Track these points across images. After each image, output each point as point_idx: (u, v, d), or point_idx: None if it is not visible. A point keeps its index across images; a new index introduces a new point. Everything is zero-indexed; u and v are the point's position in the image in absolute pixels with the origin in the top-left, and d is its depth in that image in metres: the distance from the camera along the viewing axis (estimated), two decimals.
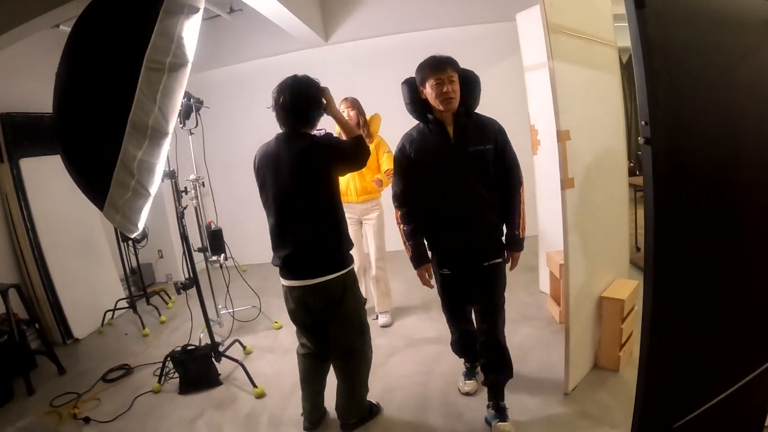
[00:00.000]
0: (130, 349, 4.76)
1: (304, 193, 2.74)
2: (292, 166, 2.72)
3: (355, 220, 4.42)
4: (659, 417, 1.39)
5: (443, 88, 2.67)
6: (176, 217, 3.87)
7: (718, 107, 1.34)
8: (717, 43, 1.37)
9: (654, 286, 1.27)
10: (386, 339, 4.36)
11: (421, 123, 2.88)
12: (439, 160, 2.78)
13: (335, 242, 2.84)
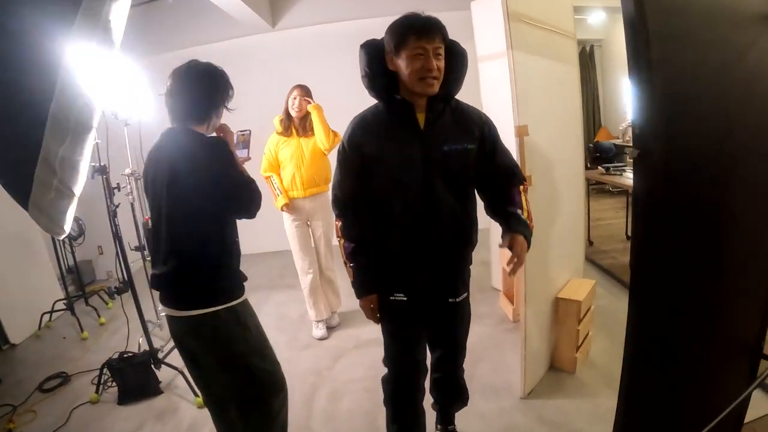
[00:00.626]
0: (69, 355, 4.49)
1: (178, 209, 2.18)
2: (167, 174, 2.17)
3: (302, 221, 4.15)
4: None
5: (427, 63, 1.93)
6: (108, 215, 3.60)
7: (716, 107, 1.18)
8: (716, 38, 1.21)
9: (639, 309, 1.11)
10: (333, 341, 4.22)
11: (379, 104, 2.17)
12: (402, 159, 2.08)
13: (217, 265, 2.24)
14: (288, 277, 4.08)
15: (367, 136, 2.12)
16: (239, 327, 2.29)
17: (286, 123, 4.03)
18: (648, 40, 0.99)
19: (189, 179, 2.12)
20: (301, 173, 4.00)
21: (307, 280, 4.19)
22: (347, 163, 2.18)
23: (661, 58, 1.06)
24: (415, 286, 2.30)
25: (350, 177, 2.19)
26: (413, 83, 1.98)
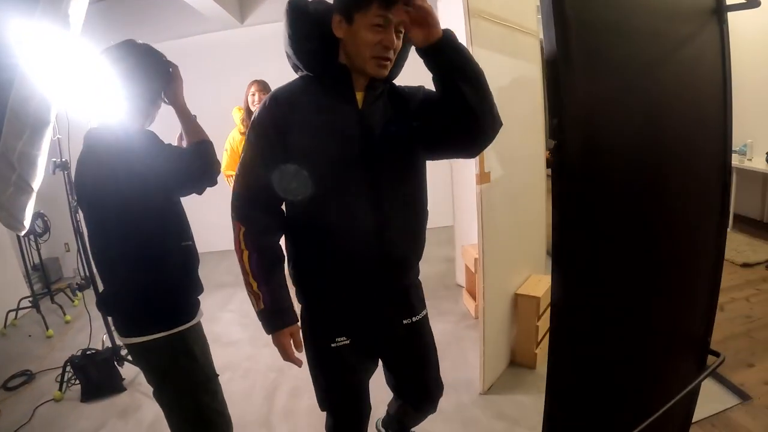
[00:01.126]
0: (34, 353, 4.45)
1: (110, 222, 1.90)
2: (96, 182, 1.88)
3: None
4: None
5: (386, 39, 1.55)
6: (69, 212, 3.56)
7: (642, 103, 1.20)
8: (651, 29, 1.23)
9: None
10: None
11: (307, 77, 1.74)
12: (337, 142, 1.65)
13: (154, 288, 1.95)
14: None
15: (296, 115, 1.65)
16: (184, 358, 2.01)
17: (248, 120, 3.98)
18: (566, 25, 0.99)
19: (123, 183, 1.83)
20: None
21: None
22: (265, 147, 1.67)
23: (581, 47, 1.06)
24: (361, 322, 1.86)
25: (266, 166, 1.67)
26: (363, 60, 1.59)
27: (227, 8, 5.58)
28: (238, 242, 1.72)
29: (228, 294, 5.24)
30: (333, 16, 1.61)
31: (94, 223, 1.95)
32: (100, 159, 1.87)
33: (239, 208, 1.73)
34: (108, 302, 2.04)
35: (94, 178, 1.88)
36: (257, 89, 3.94)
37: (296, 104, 1.66)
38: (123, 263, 1.92)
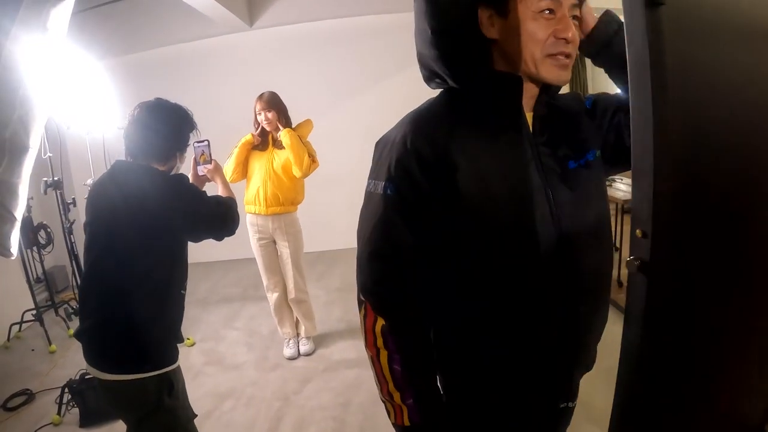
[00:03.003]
0: (35, 369, 4.24)
1: (122, 255, 1.91)
2: (117, 213, 1.91)
3: (267, 240, 3.80)
4: None
5: (562, 28, 1.09)
6: (63, 232, 3.33)
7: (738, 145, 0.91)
8: (740, 59, 0.93)
9: None
10: (303, 361, 3.95)
11: (450, 92, 1.25)
12: (507, 189, 1.16)
13: (151, 327, 1.94)
14: (263, 288, 3.81)
15: (449, 151, 1.14)
16: (168, 397, 1.98)
17: (262, 137, 3.67)
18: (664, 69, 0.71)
19: (147, 219, 1.88)
20: (265, 189, 3.63)
21: (272, 298, 3.92)
22: (408, 203, 1.17)
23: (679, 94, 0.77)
24: (514, 411, 1.34)
25: (410, 229, 1.17)
26: (534, 63, 1.12)
27: (236, 12, 5.31)
28: (371, 336, 1.23)
29: (234, 309, 4.97)
30: (479, 13, 1.14)
31: (102, 250, 1.95)
32: (127, 192, 1.91)
33: (375, 291, 1.23)
34: (95, 334, 1.96)
35: (116, 208, 1.91)
36: (262, 108, 3.57)
37: (447, 136, 1.16)
38: (125, 298, 1.90)
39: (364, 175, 1.28)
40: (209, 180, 2.35)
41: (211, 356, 4.08)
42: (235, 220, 2.16)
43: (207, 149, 2.31)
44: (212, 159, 2.34)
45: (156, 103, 2.08)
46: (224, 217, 2.10)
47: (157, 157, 2.03)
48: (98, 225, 1.98)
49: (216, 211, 2.08)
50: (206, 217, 2.05)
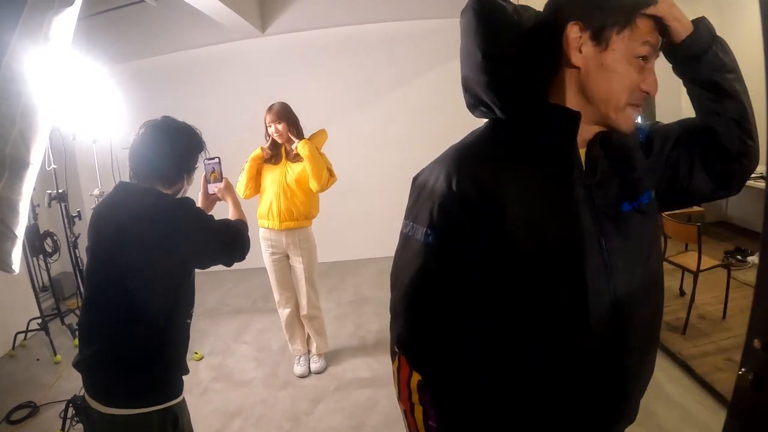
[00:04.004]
0: (40, 380, 4.10)
1: (124, 283, 1.74)
2: (118, 238, 1.74)
3: (280, 254, 3.61)
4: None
5: (653, 77, 0.99)
6: (67, 246, 3.17)
7: None
8: None
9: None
10: (313, 379, 3.74)
11: (496, 123, 1.10)
12: (556, 236, 1.02)
13: (155, 359, 1.80)
14: (273, 299, 3.64)
15: (498, 193, 0.99)
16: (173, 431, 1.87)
17: (273, 150, 3.47)
18: None
19: (151, 246, 1.73)
20: (278, 203, 3.42)
21: (283, 314, 3.72)
22: (443, 252, 1.03)
23: None
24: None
25: (445, 280, 1.05)
26: (617, 107, 0.99)
27: (247, 18, 5.13)
28: (406, 390, 1.13)
29: (244, 321, 4.76)
30: (566, 29, 0.97)
31: (103, 276, 1.80)
32: (129, 216, 1.75)
33: (412, 345, 1.12)
34: (95, 365, 1.80)
35: (118, 234, 1.75)
36: (271, 120, 3.37)
37: (494, 175, 1.00)
38: (127, 327, 1.76)
39: (376, 184, 1.14)
40: (220, 199, 2.19)
41: (220, 371, 3.89)
42: (245, 246, 1.99)
43: (218, 167, 2.14)
44: (223, 177, 2.17)
45: (162, 122, 1.92)
46: (233, 244, 1.93)
47: (162, 179, 1.88)
48: (99, 250, 1.83)
49: (225, 236, 1.91)
50: (214, 244, 1.88)
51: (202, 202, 2.18)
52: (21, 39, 2.02)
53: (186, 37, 5.77)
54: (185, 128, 1.95)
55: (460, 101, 1.16)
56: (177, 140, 1.90)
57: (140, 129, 1.90)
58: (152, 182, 1.86)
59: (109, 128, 3.42)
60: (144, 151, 1.86)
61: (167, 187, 1.90)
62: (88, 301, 1.89)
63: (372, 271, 5.74)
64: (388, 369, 2.49)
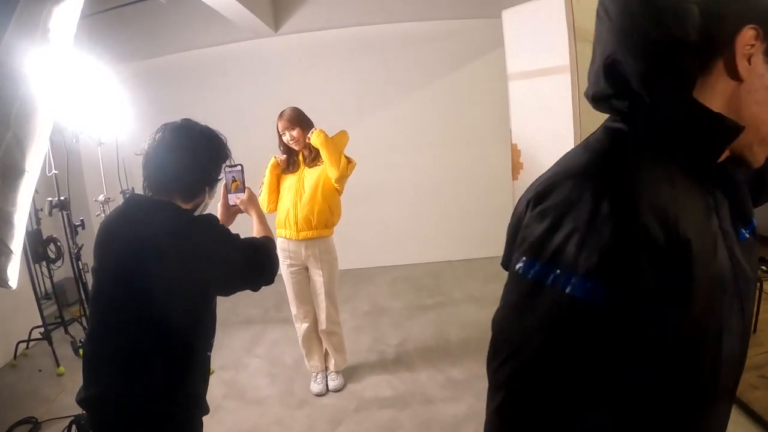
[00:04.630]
0: (41, 393, 3.86)
1: (136, 312, 1.51)
2: (130, 262, 1.51)
3: (299, 266, 3.33)
4: None
5: None
6: (69, 257, 2.92)
7: None
8: None
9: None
10: (331, 398, 3.45)
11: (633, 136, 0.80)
12: (726, 282, 0.78)
13: (172, 398, 1.59)
14: (285, 309, 3.36)
15: (672, 222, 0.71)
16: None
17: (290, 158, 3.22)
18: None
19: (168, 271, 1.48)
20: (296, 211, 3.14)
21: (301, 329, 3.44)
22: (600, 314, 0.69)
23: None
24: None
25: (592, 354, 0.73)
26: (763, 139, 0.80)
27: (260, 16, 4.85)
28: None
29: (256, 333, 4.48)
30: (740, 31, 0.73)
31: (111, 304, 1.55)
32: (143, 236, 1.51)
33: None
34: (104, 405, 1.56)
35: (129, 256, 1.51)
36: (284, 127, 3.10)
37: (673, 202, 0.74)
38: (140, 363, 1.53)
39: (392, 188, 0.85)
40: (241, 212, 1.93)
41: (232, 387, 3.61)
42: (275, 267, 1.76)
43: (240, 175, 1.87)
44: (246, 187, 1.90)
45: (183, 126, 1.66)
46: (262, 267, 1.69)
47: (181, 192, 1.63)
48: (107, 273, 1.58)
49: (253, 259, 1.66)
50: (241, 268, 1.63)
51: (222, 215, 1.91)
52: (16, 32, 1.77)
53: (196, 35, 5.49)
54: (209, 133, 1.70)
55: (480, 104, 0.89)
56: (200, 147, 1.65)
57: (157, 133, 1.64)
58: (169, 195, 1.62)
59: (115, 130, 3.17)
60: (162, 160, 1.60)
61: (186, 201, 1.65)
62: (96, 331, 1.63)
63: (386, 280, 5.49)
64: (410, 387, 2.23)
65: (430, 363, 3.67)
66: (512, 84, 3.55)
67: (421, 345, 3.96)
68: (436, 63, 5.51)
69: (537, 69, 3.18)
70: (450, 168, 5.72)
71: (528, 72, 3.35)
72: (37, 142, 1.88)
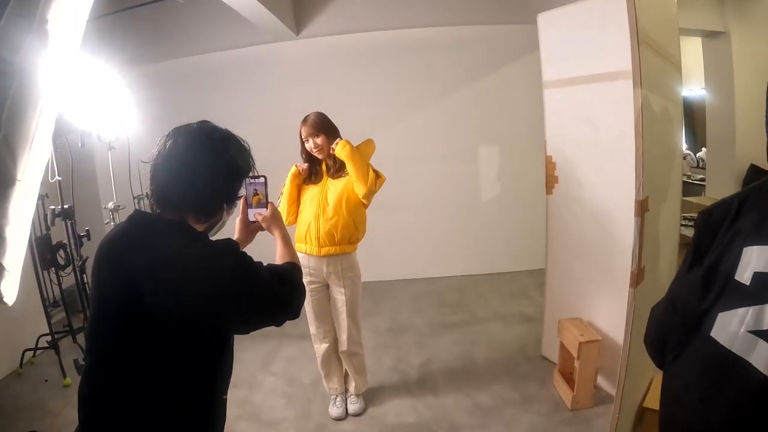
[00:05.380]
0: (46, 405, 3.65)
1: (142, 353, 1.24)
2: (134, 293, 1.21)
3: (320, 284, 3.04)
4: None
5: None
6: (73, 271, 2.68)
7: None
8: None
9: None
10: (351, 423, 3.17)
11: None
12: None
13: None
14: (303, 323, 3.01)
15: None
16: None
17: (312, 168, 2.95)
18: None
19: (180, 306, 1.20)
20: (317, 225, 2.86)
21: (320, 349, 3.16)
22: None
23: None
24: None
25: None
26: None
27: (282, 18, 4.62)
28: None
29: (271, 349, 4.18)
30: None
31: (116, 339, 1.26)
32: (150, 263, 1.23)
33: None
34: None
35: (133, 285, 1.22)
36: (307, 134, 2.84)
37: None
38: (149, 413, 1.26)
39: (415, 198, 0.62)
40: (263, 229, 1.64)
41: (246, 408, 3.33)
42: (301, 300, 1.46)
43: (263, 188, 1.58)
44: (269, 202, 1.63)
45: (199, 129, 1.36)
46: (287, 302, 1.39)
47: (195, 211, 1.34)
48: (107, 305, 1.28)
49: (278, 293, 1.36)
50: (265, 303, 1.34)
51: (240, 232, 1.64)
52: (9, 20, 1.52)
53: (214, 37, 5.27)
54: (230, 140, 1.40)
55: (512, 113, 0.67)
56: (219, 157, 1.36)
57: (167, 139, 1.34)
58: (180, 214, 1.33)
59: (128, 134, 2.93)
60: (172, 171, 1.32)
61: (200, 221, 1.37)
62: (93, 369, 1.33)
63: (408, 294, 5.20)
64: (435, 414, 1.97)
65: (456, 386, 3.38)
66: (548, 92, 3.24)
67: (446, 366, 3.67)
68: (464, 70, 5.27)
69: (577, 76, 2.91)
70: (475, 179, 5.48)
71: (566, 80, 3.06)
72: (32, 147, 1.63)
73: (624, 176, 2.46)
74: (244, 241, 1.64)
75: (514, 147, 5.30)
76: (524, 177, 5.22)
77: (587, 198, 3.03)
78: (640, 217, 1.89)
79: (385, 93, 5.33)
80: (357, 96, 5.25)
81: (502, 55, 5.15)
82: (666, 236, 2.64)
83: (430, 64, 5.26)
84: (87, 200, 3.94)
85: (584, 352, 2.87)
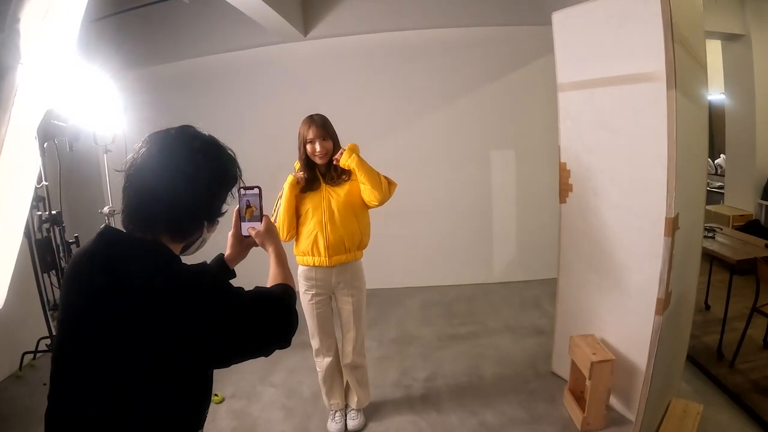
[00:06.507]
0: (43, 411, 3.42)
1: (111, 385, 1.07)
2: (102, 320, 1.07)
3: (324, 297, 2.86)
4: None
5: None
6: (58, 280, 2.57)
7: None
8: None
9: None
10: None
11: None
12: None
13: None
14: (305, 332, 2.84)
15: None
16: None
17: (310, 174, 2.73)
18: None
19: (153, 337, 1.05)
20: (326, 234, 2.67)
21: (324, 363, 2.96)
22: None
23: None
24: None
25: None
26: None
27: (289, 19, 4.48)
28: None
29: (272, 358, 3.82)
30: None
31: (79, 373, 1.10)
32: (119, 288, 1.07)
33: None
34: None
35: (102, 312, 1.07)
36: (315, 135, 2.63)
37: None
38: None
39: (423, 204, 0.46)
40: (256, 245, 1.50)
41: (242, 420, 3.18)
42: (293, 328, 1.29)
43: (257, 200, 1.44)
44: (263, 215, 1.47)
45: (178, 136, 1.20)
46: (274, 333, 1.24)
47: (170, 227, 1.18)
48: (74, 331, 1.12)
49: (267, 323, 1.21)
50: (247, 337, 1.17)
51: (232, 247, 1.49)
52: None
53: (219, 39, 5.12)
54: (213, 147, 1.24)
55: (525, 118, 0.51)
56: (199, 168, 1.18)
57: (141, 146, 1.17)
58: (153, 232, 1.16)
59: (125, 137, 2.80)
60: (145, 183, 1.15)
61: (176, 240, 1.21)
62: (57, 409, 1.15)
63: (416, 303, 5.00)
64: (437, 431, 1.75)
65: (461, 403, 3.19)
66: (562, 95, 3.06)
67: (452, 381, 3.48)
68: (475, 72, 5.09)
69: (593, 78, 2.73)
70: (487, 184, 5.29)
71: (582, 82, 2.87)
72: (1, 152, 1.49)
73: (644, 186, 2.29)
74: (236, 258, 1.50)
75: (527, 152, 5.12)
76: (538, 183, 5.05)
77: (603, 208, 2.84)
78: (671, 237, 1.69)
79: (395, 95, 5.16)
80: (364, 98, 5.10)
81: (515, 56, 4.96)
82: (688, 253, 2.44)
83: (440, 66, 5.08)
84: (87, 205, 3.83)
85: (596, 372, 2.68)
